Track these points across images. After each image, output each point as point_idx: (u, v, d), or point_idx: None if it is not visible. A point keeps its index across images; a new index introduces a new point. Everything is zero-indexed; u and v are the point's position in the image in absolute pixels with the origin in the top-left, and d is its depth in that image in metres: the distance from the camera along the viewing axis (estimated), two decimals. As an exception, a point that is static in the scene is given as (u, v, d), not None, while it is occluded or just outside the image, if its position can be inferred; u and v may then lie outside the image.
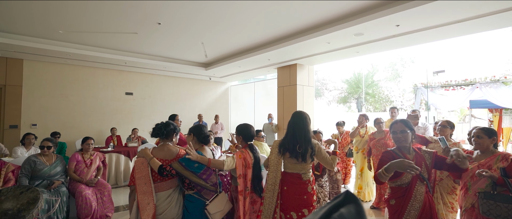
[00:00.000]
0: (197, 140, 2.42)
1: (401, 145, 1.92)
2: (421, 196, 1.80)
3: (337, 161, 2.25)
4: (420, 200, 1.80)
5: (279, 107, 7.34)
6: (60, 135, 5.68)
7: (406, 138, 1.87)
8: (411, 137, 1.90)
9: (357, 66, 21.47)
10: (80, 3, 3.76)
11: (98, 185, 3.72)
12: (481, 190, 2.16)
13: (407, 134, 1.87)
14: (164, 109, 8.64)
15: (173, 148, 2.36)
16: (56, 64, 6.80)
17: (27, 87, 6.46)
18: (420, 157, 1.86)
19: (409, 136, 1.89)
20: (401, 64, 21.69)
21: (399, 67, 21.56)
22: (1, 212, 2.10)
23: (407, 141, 1.88)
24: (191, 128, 2.51)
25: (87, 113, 7.27)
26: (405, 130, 1.88)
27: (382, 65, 21.51)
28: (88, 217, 3.46)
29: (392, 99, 18.70)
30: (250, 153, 2.33)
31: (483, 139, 2.21)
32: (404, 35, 4.33)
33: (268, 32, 4.98)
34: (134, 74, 8.09)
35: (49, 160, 3.25)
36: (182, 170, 2.13)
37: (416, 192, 1.81)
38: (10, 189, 2.28)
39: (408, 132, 1.87)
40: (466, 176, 2.35)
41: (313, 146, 2.17)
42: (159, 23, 4.49)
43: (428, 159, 1.87)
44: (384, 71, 21.49)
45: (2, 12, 4.09)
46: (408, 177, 1.82)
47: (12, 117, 6.25)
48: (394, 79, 21.10)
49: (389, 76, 21.11)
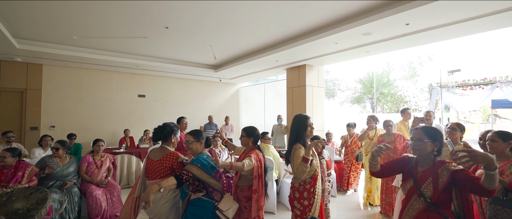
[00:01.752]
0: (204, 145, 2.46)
1: (415, 154, 1.71)
2: (414, 212, 1.62)
3: (305, 169, 2.10)
4: (411, 215, 1.63)
5: (288, 108, 7.29)
6: (76, 136, 5.92)
7: (421, 148, 1.64)
8: (432, 149, 1.63)
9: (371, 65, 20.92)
10: (91, 10, 3.90)
11: (108, 185, 3.84)
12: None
13: (423, 144, 1.63)
14: (175, 110, 8.81)
15: (169, 149, 2.45)
16: (73, 68, 7.10)
17: (46, 91, 6.78)
18: (432, 172, 1.62)
19: (427, 146, 1.62)
20: (419, 62, 20.93)
21: (416, 65, 20.81)
22: (12, 212, 2.21)
23: (422, 151, 1.64)
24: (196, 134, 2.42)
25: (102, 115, 7.53)
26: (422, 139, 1.64)
27: (398, 63, 20.84)
28: (98, 217, 3.59)
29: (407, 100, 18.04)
30: (261, 154, 2.36)
31: (497, 143, 2.10)
32: (414, 33, 4.18)
33: (274, 33, 4.97)
34: (146, 76, 8.30)
35: (62, 161, 3.39)
36: (199, 172, 2.15)
37: (409, 205, 1.65)
38: (21, 190, 2.40)
39: (425, 141, 1.63)
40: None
41: (292, 149, 2.19)
42: (167, 27, 4.58)
43: (442, 176, 1.57)
44: (400, 69, 20.81)
45: (22, 21, 4.32)
46: (406, 187, 1.70)
47: (33, 119, 6.59)
48: (411, 78, 20.37)
49: (406, 74, 20.41)
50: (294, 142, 2.24)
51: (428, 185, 1.59)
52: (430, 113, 4.39)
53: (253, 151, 2.35)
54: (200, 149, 2.38)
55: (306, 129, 2.23)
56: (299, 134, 2.23)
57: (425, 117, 4.42)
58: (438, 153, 1.65)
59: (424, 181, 1.61)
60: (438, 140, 1.64)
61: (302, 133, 2.23)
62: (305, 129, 2.23)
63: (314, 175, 2.20)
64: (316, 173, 2.20)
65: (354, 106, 19.17)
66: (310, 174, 2.19)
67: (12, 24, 4.42)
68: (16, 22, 4.37)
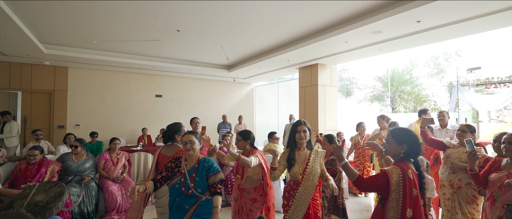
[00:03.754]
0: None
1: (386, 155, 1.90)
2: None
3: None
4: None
5: (300, 107, 7.27)
6: (97, 134, 6.29)
7: (387, 149, 1.75)
8: (399, 151, 1.69)
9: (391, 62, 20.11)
10: (107, 16, 4.16)
11: (124, 181, 4.09)
12: (509, 202, 1.97)
13: (389, 146, 1.73)
14: (191, 110, 9.08)
15: (179, 146, 2.61)
16: (95, 70, 7.55)
17: (71, 92, 7.27)
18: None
19: (392, 148, 1.72)
20: (444, 58, 19.81)
21: (442, 62, 19.70)
22: (33, 204, 2.45)
23: (388, 152, 1.76)
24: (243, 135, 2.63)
25: (122, 114, 7.94)
26: (388, 141, 1.75)
27: (423, 59, 19.82)
28: (114, 210, 3.83)
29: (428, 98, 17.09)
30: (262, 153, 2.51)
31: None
32: (427, 31, 4.03)
33: (283, 34, 4.99)
34: (163, 77, 8.62)
35: (79, 158, 3.66)
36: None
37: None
38: (41, 184, 2.64)
39: (390, 143, 1.72)
40: (494, 186, 2.16)
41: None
42: (178, 30, 4.76)
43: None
44: (424, 66, 19.79)
45: (47, 28, 4.69)
46: None
47: (60, 119, 7.10)
48: (437, 75, 19.30)
49: (431, 71, 19.39)
50: (287, 146, 2.34)
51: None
52: (443, 113, 4.22)
53: (255, 151, 2.43)
54: (248, 148, 2.56)
55: (295, 135, 2.24)
56: (289, 139, 2.29)
57: (438, 118, 4.25)
58: (407, 155, 1.67)
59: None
60: (405, 143, 1.66)
61: (291, 138, 2.26)
62: (294, 135, 2.24)
63: (297, 180, 2.19)
64: (298, 179, 2.18)
65: (373, 104, 18.55)
66: (293, 178, 2.20)
67: (39, 31, 4.80)
68: (42, 29, 4.74)
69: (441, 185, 2.87)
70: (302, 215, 2.17)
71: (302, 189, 2.18)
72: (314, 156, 2.24)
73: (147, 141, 7.29)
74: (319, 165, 2.26)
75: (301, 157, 2.23)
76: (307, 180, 2.18)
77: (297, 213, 2.17)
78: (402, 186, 1.57)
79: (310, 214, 2.20)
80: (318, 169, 2.25)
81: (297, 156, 2.23)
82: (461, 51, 19.70)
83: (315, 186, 2.22)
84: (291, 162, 2.21)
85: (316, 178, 2.22)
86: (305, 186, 2.18)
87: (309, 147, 2.29)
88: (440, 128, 4.27)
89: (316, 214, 2.26)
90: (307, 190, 2.18)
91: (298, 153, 2.25)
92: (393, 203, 1.59)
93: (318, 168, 2.24)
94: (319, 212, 2.28)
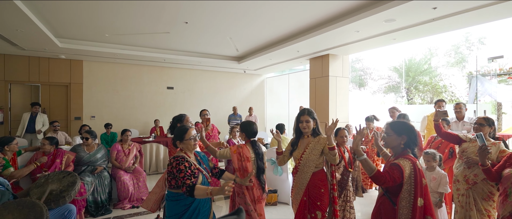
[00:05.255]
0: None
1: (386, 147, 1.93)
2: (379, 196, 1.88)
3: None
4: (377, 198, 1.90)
5: (311, 99, 7.16)
6: (111, 126, 6.48)
7: (387, 141, 1.81)
8: (399, 142, 1.77)
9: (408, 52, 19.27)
10: (116, 9, 4.20)
11: (135, 171, 4.21)
12: None
13: (389, 138, 1.80)
14: (202, 101, 9.16)
15: None
16: (108, 63, 7.72)
17: (87, 84, 7.49)
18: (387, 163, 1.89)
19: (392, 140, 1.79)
20: (466, 46, 18.78)
21: (464, 50, 18.68)
22: (48, 192, 2.56)
23: (388, 145, 1.81)
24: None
25: (135, 106, 8.13)
26: (388, 133, 1.81)
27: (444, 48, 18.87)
28: (126, 199, 3.97)
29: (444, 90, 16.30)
30: (249, 149, 2.46)
31: None
32: (444, 18, 3.80)
33: (292, 24, 4.87)
34: (174, 69, 8.71)
35: (90, 149, 3.78)
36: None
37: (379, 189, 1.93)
38: (55, 174, 2.74)
39: (390, 135, 1.79)
40: (507, 181, 2.08)
41: None
42: (186, 22, 4.75)
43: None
44: (445, 55, 18.85)
45: (61, 22, 4.80)
46: None
47: (76, 110, 7.35)
48: (458, 64, 18.34)
49: (452, 61, 18.44)
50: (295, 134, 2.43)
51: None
52: (460, 105, 4.03)
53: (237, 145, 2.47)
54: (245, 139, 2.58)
55: (297, 125, 2.34)
56: (296, 128, 2.37)
57: (454, 110, 4.07)
58: (406, 146, 1.75)
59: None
60: (404, 134, 1.74)
61: (296, 128, 2.35)
62: (296, 125, 2.34)
63: (296, 165, 2.32)
64: (297, 164, 2.31)
65: (388, 95, 17.98)
66: (295, 163, 2.35)
67: (53, 25, 4.93)
68: (56, 23, 4.86)
69: (455, 180, 2.75)
70: (299, 199, 2.27)
71: (299, 174, 2.28)
72: (314, 143, 2.26)
73: (159, 132, 7.45)
74: (319, 151, 2.24)
75: (303, 143, 2.33)
76: (303, 166, 2.26)
77: (296, 196, 2.30)
78: (414, 177, 1.64)
79: (304, 200, 2.22)
80: (317, 156, 2.23)
81: (300, 142, 2.35)
82: (485, 39, 18.58)
83: (310, 173, 2.23)
84: (293, 147, 2.36)
85: (312, 164, 2.24)
86: (301, 171, 2.28)
87: (314, 135, 2.31)
88: (457, 121, 4.09)
89: (315, 202, 2.23)
90: (303, 175, 2.26)
91: (302, 140, 2.35)
92: (405, 194, 1.66)
93: (316, 155, 2.23)
94: (319, 201, 2.23)
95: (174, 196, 1.86)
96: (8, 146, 3.00)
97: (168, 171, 1.87)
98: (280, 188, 4.12)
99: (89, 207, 3.59)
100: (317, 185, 2.25)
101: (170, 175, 1.85)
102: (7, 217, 1.86)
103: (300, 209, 2.25)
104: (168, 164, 1.89)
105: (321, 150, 2.24)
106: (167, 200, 1.91)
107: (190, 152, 2.00)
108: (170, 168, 1.85)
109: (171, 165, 1.85)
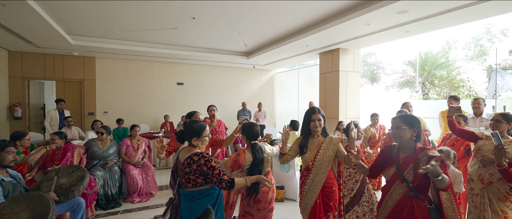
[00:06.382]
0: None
1: (396, 142, 1.78)
2: (397, 197, 1.70)
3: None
4: (394, 199, 1.72)
5: (321, 95, 7.04)
6: (123, 121, 6.62)
7: (401, 135, 1.70)
8: (411, 135, 1.70)
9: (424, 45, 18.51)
10: (123, 6, 4.23)
11: (144, 166, 4.28)
12: None
13: (402, 131, 1.70)
14: (211, 97, 9.20)
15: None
16: (120, 60, 7.85)
17: (99, 81, 7.66)
18: (413, 158, 1.68)
19: (406, 133, 1.69)
20: (488, 38, 17.85)
21: (485, 43, 17.77)
22: (58, 186, 2.63)
23: (402, 138, 1.71)
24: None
25: (145, 102, 8.26)
26: (400, 126, 1.71)
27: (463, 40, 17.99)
28: (135, 193, 4.05)
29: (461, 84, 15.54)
30: (248, 154, 2.33)
31: None
32: (461, 8, 3.60)
33: (300, 17, 4.77)
34: (184, 65, 8.77)
35: (103, 144, 3.87)
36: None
37: (392, 190, 1.74)
38: (65, 168, 2.82)
39: (403, 128, 1.70)
40: None
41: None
42: (194, 17, 4.73)
43: (423, 162, 1.63)
44: (464, 48, 18.00)
45: (72, 19, 4.90)
46: (389, 174, 1.77)
47: (89, 106, 7.56)
48: (478, 58, 17.47)
49: (471, 54, 17.59)
50: (301, 133, 2.32)
51: (410, 170, 1.66)
52: (478, 101, 3.83)
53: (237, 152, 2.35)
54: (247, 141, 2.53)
55: (309, 123, 2.22)
56: (303, 127, 2.27)
57: (472, 105, 3.87)
58: (417, 139, 1.70)
59: (406, 167, 1.68)
60: (416, 126, 1.69)
61: (305, 126, 2.25)
62: (308, 123, 2.22)
63: (308, 166, 2.20)
64: (309, 166, 2.19)
65: (402, 90, 17.43)
66: (305, 164, 2.24)
67: (65, 22, 5.04)
68: (67, 21, 4.97)
69: (469, 179, 2.62)
70: (313, 202, 2.16)
71: (312, 176, 2.18)
72: (327, 143, 2.19)
73: (170, 127, 7.55)
74: (333, 152, 2.18)
75: (314, 144, 2.23)
76: (318, 167, 2.17)
77: (309, 200, 2.19)
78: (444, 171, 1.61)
79: (318, 203, 2.15)
80: (330, 156, 2.17)
81: (310, 143, 2.24)
82: (508, 30, 17.60)
83: (326, 173, 2.18)
84: (303, 150, 2.23)
85: (327, 165, 2.18)
86: (315, 173, 2.17)
87: (324, 134, 2.25)
88: (474, 117, 3.90)
89: (328, 203, 2.20)
90: (318, 177, 2.17)
91: (312, 140, 2.24)
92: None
93: (330, 155, 2.17)
94: (331, 201, 2.21)
95: (203, 192, 1.85)
96: (20, 141, 3.11)
97: (193, 169, 1.80)
98: (287, 184, 4.09)
99: (100, 200, 3.69)
100: (329, 184, 2.21)
101: (196, 173, 1.80)
102: (15, 209, 1.93)
103: (315, 212, 2.16)
104: (192, 162, 1.80)
105: (335, 150, 2.19)
106: (193, 198, 1.84)
107: (203, 149, 2.01)
108: (196, 166, 1.80)
109: (196, 163, 1.80)
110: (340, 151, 2.19)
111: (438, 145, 3.24)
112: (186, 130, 1.99)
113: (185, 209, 1.88)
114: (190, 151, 1.89)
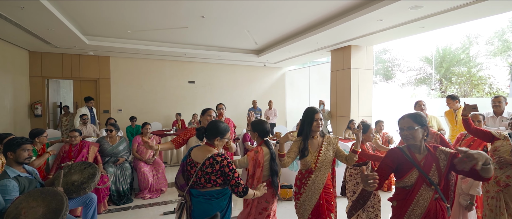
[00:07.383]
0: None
1: (409, 143, 1.64)
2: (426, 202, 1.56)
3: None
4: (423, 206, 1.56)
5: (332, 93, 6.92)
6: (136, 119, 6.79)
7: (414, 135, 1.59)
8: (423, 134, 1.61)
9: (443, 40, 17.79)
10: (135, 6, 4.32)
11: (155, 163, 4.37)
12: None
13: (415, 131, 1.59)
14: (222, 95, 9.25)
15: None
16: (133, 59, 8.04)
17: (114, 79, 7.88)
18: (433, 158, 1.58)
19: (419, 133, 1.60)
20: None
21: (510, 37, 16.81)
22: (70, 183, 2.73)
23: (415, 139, 1.60)
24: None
25: (157, 100, 8.43)
26: (412, 127, 1.59)
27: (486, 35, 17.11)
28: (146, 189, 4.15)
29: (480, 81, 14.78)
30: (263, 152, 2.22)
31: None
32: (480, 1, 3.42)
33: (310, 14, 4.70)
34: (195, 64, 8.86)
35: (113, 141, 3.98)
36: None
37: (419, 196, 1.57)
38: (77, 164, 2.91)
39: (416, 128, 1.59)
40: None
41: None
42: (203, 16, 4.77)
43: (443, 160, 1.56)
44: (487, 43, 17.12)
45: (86, 20, 5.07)
46: (411, 179, 1.60)
47: (105, 104, 7.79)
48: (502, 53, 16.55)
49: (494, 49, 16.70)
50: (299, 135, 2.22)
51: (434, 171, 1.56)
52: (499, 99, 3.65)
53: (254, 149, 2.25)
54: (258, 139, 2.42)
55: (311, 124, 2.13)
56: (303, 127, 2.17)
57: (493, 104, 3.70)
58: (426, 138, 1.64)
59: (430, 168, 1.57)
60: (425, 124, 1.63)
61: (306, 127, 2.16)
62: (311, 124, 2.13)
63: (309, 168, 2.14)
64: (311, 168, 2.13)
65: (418, 88, 16.87)
66: (306, 167, 2.16)
67: (80, 23, 5.21)
68: (82, 22, 5.13)
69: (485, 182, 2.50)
70: (314, 203, 2.12)
71: (314, 177, 2.13)
72: (326, 143, 2.17)
73: (181, 125, 7.67)
74: (332, 151, 2.18)
75: (314, 145, 2.17)
76: (320, 168, 2.14)
77: (309, 201, 2.14)
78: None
79: (321, 203, 2.12)
80: (331, 156, 2.16)
81: (310, 145, 2.17)
82: (534, 22, 16.57)
83: (327, 174, 2.17)
84: (304, 153, 2.14)
85: (329, 166, 2.16)
86: (317, 174, 2.14)
87: (321, 135, 2.22)
88: (494, 116, 3.72)
89: (330, 202, 2.18)
90: (320, 178, 2.14)
91: (311, 142, 2.18)
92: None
93: (331, 155, 2.16)
94: (332, 201, 2.20)
95: (221, 192, 1.86)
96: (38, 138, 3.25)
97: (215, 169, 1.78)
98: (296, 183, 4.05)
99: (112, 195, 3.80)
100: (328, 185, 2.20)
101: (218, 173, 1.79)
102: (31, 204, 2.01)
103: (319, 213, 2.11)
104: (215, 163, 1.79)
105: (335, 150, 2.18)
106: (212, 198, 1.83)
107: (220, 150, 1.99)
108: (219, 167, 1.78)
109: (220, 163, 1.78)
110: (340, 151, 2.19)
111: (452, 146, 3.11)
112: (210, 128, 1.91)
113: (201, 209, 1.83)
114: (206, 151, 1.86)
